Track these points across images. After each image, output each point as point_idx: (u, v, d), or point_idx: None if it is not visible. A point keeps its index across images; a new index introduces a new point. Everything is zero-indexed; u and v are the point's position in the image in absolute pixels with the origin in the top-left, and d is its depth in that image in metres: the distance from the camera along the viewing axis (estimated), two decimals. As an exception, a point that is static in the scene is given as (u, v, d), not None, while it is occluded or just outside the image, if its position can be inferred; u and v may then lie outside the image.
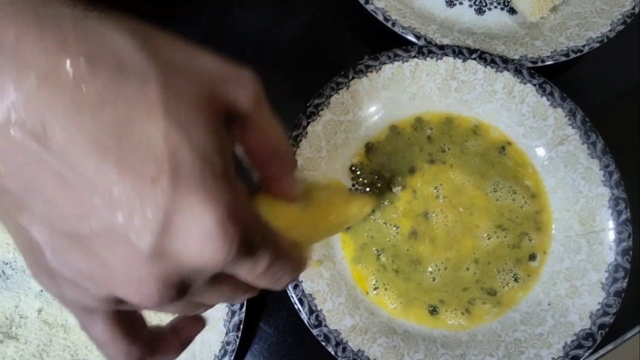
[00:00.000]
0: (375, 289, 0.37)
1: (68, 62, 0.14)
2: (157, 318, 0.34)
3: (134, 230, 0.14)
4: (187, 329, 0.22)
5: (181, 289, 0.16)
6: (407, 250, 0.37)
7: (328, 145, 0.38)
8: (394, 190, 0.39)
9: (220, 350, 0.33)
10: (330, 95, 0.38)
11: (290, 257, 0.20)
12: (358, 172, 0.39)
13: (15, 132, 0.14)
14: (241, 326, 0.34)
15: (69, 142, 0.14)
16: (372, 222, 0.38)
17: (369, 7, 0.40)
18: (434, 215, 0.38)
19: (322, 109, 0.38)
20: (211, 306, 0.21)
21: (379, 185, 0.38)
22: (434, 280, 0.37)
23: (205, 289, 0.18)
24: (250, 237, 0.16)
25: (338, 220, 0.27)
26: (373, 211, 0.38)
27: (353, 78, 0.38)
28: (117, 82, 0.15)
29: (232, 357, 0.33)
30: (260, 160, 0.21)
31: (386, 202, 0.38)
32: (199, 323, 0.23)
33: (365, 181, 0.39)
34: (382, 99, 0.39)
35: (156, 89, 0.15)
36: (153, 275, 0.15)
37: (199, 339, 0.25)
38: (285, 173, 0.22)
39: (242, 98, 0.18)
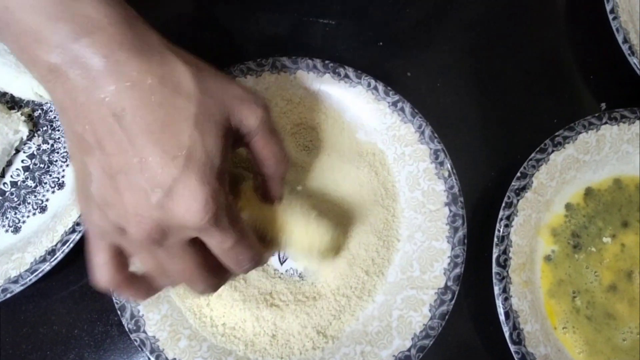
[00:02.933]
0: (564, 327, 0.37)
1: (149, 79, 0.23)
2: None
3: (151, 186, 0.23)
4: (155, 282, 0.28)
5: (164, 234, 0.24)
6: (603, 301, 0.37)
7: (559, 178, 0.38)
8: (603, 240, 0.39)
9: (422, 331, 0.35)
10: (580, 132, 0.38)
11: (253, 246, 0.27)
12: (573, 210, 0.39)
13: (104, 108, 0.23)
14: (446, 316, 0.35)
15: (133, 123, 0.22)
16: (576, 261, 0.38)
17: (632, 60, 0.40)
18: (639, 276, 0.38)
19: (568, 142, 0.38)
20: (174, 281, 0.28)
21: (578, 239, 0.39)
22: (624, 341, 0.37)
23: (179, 250, 0.25)
24: (222, 215, 0.24)
25: (295, 238, 0.32)
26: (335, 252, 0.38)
27: (605, 123, 0.39)
28: (173, 96, 0.23)
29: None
30: (259, 162, 0.29)
31: (593, 249, 0.39)
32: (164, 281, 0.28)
33: (578, 222, 0.39)
34: (620, 151, 0.39)
35: (194, 106, 0.24)
36: (151, 217, 0.23)
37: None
38: (275, 175, 0.30)
39: (250, 119, 0.27)
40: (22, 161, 0.42)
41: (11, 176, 0.41)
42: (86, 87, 0.23)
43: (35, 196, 0.41)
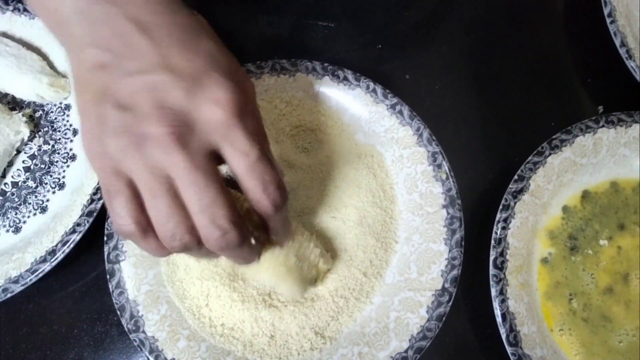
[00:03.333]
0: (560, 329, 0.37)
1: (176, 6, 0.26)
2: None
3: (176, 78, 0.23)
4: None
5: (188, 129, 0.23)
6: (600, 303, 0.38)
7: (556, 181, 0.39)
8: (600, 242, 0.39)
9: (419, 333, 0.35)
10: (577, 135, 0.39)
11: (277, 169, 0.25)
12: (570, 213, 0.40)
13: (126, 17, 0.24)
14: (443, 318, 0.35)
15: (157, 31, 0.24)
16: (572, 263, 0.39)
17: (630, 64, 0.41)
18: (635, 279, 0.38)
19: (565, 145, 0.38)
20: (192, 233, 0.24)
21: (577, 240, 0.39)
22: (620, 343, 0.37)
23: (202, 159, 0.23)
24: (247, 114, 0.24)
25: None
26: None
27: (602, 126, 0.39)
28: (197, 26, 0.26)
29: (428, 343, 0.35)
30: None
31: (590, 251, 0.39)
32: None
33: (575, 225, 0.39)
34: (617, 154, 0.40)
35: (214, 38, 0.26)
36: (175, 107, 0.23)
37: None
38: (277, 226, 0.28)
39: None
40: (23, 162, 0.42)
41: (12, 177, 0.42)
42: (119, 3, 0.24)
43: (35, 196, 0.41)
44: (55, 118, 0.43)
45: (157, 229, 0.24)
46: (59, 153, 0.42)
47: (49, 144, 0.42)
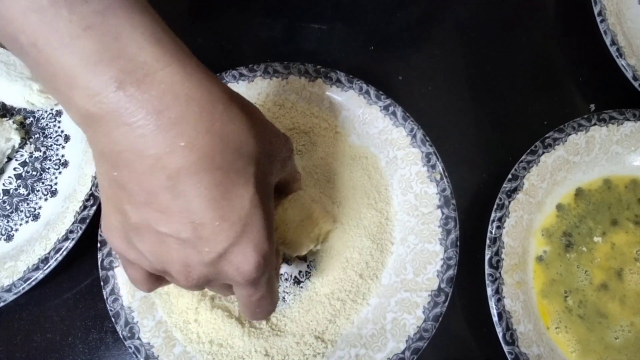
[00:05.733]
0: (556, 327, 0.37)
1: (210, 139, 0.20)
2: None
3: (204, 248, 0.21)
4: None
5: (208, 283, 0.24)
6: (595, 300, 0.38)
7: (550, 179, 0.39)
8: (594, 239, 0.39)
9: (415, 333, 0.35)
10: (570, 134, 0.39)
11: (274, 300, 0.27)
12: (564, 211, 0.40)
13: (156, 170, 0.20)
14: (440, 318, 0.35)
15: (190, 187, 0.20)
16: (567, 261, 0.39)
17: (620, 62, 0.41)
18: (629, 274, 0.38)
19: (558, 144, 0.39)
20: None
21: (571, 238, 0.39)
22: (616, 339, 0.37)
23: (220, 288, 0.26)
24: (266, 274, 0.24)
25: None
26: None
27: (594, 125, 0.39)
28: (235, 158, 0.21)
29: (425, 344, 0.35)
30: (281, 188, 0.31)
31: (584, 248, 0.39)
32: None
33: (569, 223, 0.40)
34: (609, 152, 0.40)
35: (254, 167, 0.22)
36: (200, 270, 0.22)
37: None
38: (295, 186, 0.32)
39: (288, 163, 0.28)
40: (14, 169, 0.42)
41: (3, 184, 0.41)
42: (133, 144, 0.19)
43: (27, 204, 0.40)
44: (47, 124, 0.43)
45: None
46: (50, 160, 0.42)
47: (41, 151, 0.42)
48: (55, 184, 0.41)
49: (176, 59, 0.20)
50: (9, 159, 0.42)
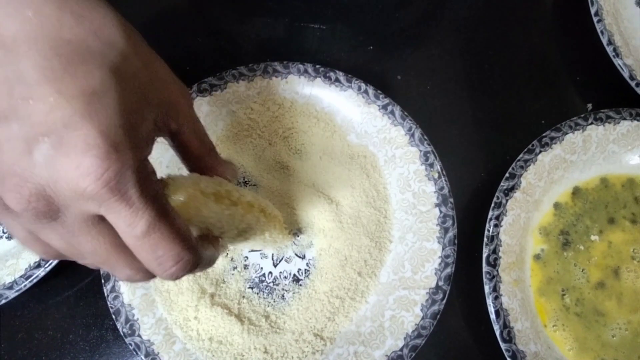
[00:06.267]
0: (554, 325, 0.38)
1: (62, 14, 0.18)
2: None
3: (35, 134, 0.16)
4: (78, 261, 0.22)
5: (51, 205, 0.18)
6: (592, 298, 0.38)
7: (547, 178, 0.39)
8: (591, 237, 0.40)
9: (414, 331, 0.35)
10: (567, 133, 0.39)
11: (181, 238, 0.20)
12: (562, 209, 0.40)
13: None
14: (438, 316, 0.35)
15: (26, 57, 0.17)
16: (564, 259, 0.39)
17: (617, 62, 0.41)
18: (626, 272, 0.39)
19: (555, 143, 0.39)
20: (91, 264, 0.21)
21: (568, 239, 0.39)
22: (613, 337, 0.37)
23: (81, 227, 0.19)
24: (129, 182, 0.17)
25: (250, 228, 0.28)
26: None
27: (591, 124, 0.39)
28: (90, 38, 0.18)
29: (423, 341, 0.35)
30: (187, 148, 0.25)
31: (581, 247, 0.39)
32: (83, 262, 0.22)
33: (566, 221, 0.40)
34: (606, 151, 0.40)
35: (116, 57, 0.19)
36: (32, 178, 0.17)
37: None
38: (210, 151, 0.26)
39: (181, 104, 0.23)
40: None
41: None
42: None
43: (29, 202, 0.41)
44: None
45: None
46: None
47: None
48: (57, 182, 0.41)
49: None
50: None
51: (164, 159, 0.39)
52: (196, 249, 0.21)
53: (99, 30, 0.18)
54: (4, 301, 0.36)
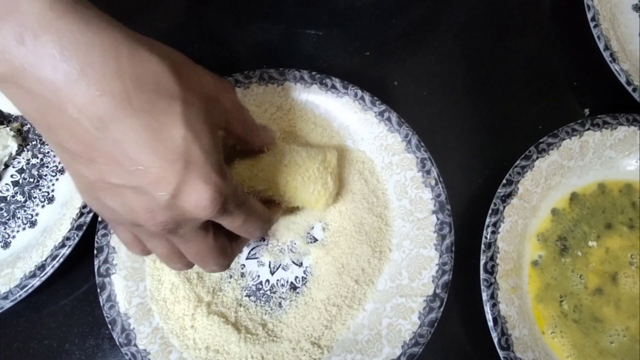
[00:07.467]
0: (552, 332, 0.37)
1: (121, 83, 0.20)
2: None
3: (156, 191, 0.22)
4: (169, 265, 0.30)
5: (178, 224, 0.24)
6: (590, 304, 0.38)
7: (545, 184, 0.39)
8: (589, 243, 0.39)
9: (411, 339, 0.35)
10: (564, 139, 0.39)
11: (261, 216, 0.30)
12: (559, 215, 0.40)
13: (80, 122, 0.20)
14: (435, 324, 0.35)
15: (119, 133, 0.21)
16: (562, 265, 0.39)
17: (614, 67, 0.41)
18: (623, 278, 0.39)
19: (552, 149, 0.39)
20: (187, 264, 0.30)
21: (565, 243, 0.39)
22: (611, 343, 0.37)
23: (193, 235, 0.26)
24: (229, 203, 0.25)
25: (300, 186, 0.34)
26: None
27: (588, 129, 0.39)
28: (155, 99, 0.22)
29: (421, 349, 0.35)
30: (235, 130, 0.30)
31: (579, 253, 0.39)
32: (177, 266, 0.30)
33: (564, 227, 0.40)
34: (603, 156, 0.40)
35: (180, 106, 0.22)
36: (163, 213, 0.23)
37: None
38: (255, 128, 0.32)
39: (227, 104, 0.28)
40: (12, 176, 0.42)
41: (0, 191, 0.41)
42: (50, 101, 0.20)
43: (25, 211, 0.41)
44: (44, 131, 0.43)
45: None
46: (47, 166, 0.42)
47: (38, 158, 0.42)
48: (52, 190, 0.41)
49: (71, 7, 0.20)
50: (6, 166, 0.42)
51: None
52: (270, 218, 0.32)
53: (157, 89, 0.22)
54: (-1, 311, 0.36)
